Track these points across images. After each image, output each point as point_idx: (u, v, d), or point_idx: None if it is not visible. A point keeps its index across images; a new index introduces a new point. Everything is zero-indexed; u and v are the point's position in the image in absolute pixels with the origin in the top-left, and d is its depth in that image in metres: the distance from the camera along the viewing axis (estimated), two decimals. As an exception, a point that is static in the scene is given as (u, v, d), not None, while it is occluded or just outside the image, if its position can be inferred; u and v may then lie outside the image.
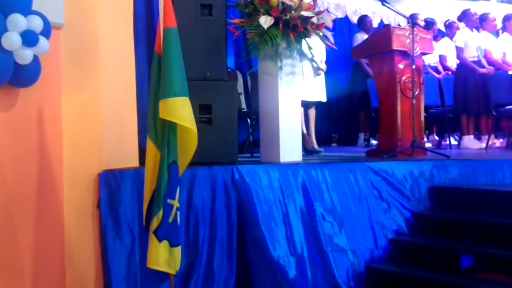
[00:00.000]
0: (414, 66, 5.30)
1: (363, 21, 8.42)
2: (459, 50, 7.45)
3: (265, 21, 4.28)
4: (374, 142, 7.96)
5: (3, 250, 3.11)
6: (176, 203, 3.11)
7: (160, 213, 3.08)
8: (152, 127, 3.16)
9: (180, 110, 3.03)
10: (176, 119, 3.04)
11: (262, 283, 3.83)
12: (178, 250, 3.13)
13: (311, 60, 6.15)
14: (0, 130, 3.10)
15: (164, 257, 3.10)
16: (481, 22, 7.57)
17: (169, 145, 3.09)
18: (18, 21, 2.88)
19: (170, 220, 3.10)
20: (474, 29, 7.55)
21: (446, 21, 8.71)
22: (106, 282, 3.64)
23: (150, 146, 3.16)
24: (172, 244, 3.11)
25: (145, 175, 3.20)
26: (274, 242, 3.82)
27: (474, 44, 7.39)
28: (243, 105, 6.81)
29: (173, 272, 3.14)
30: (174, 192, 3.11)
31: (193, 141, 3.14)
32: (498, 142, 7.85)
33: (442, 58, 8.31)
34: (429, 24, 8.17)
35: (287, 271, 3.79)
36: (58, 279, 3.57)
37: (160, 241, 3.08)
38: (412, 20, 5.49)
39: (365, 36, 7.83)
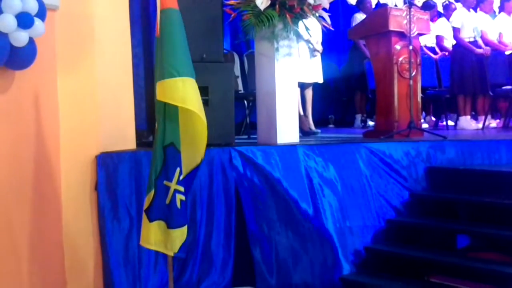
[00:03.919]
0: (411, 47, 5.27)
1: (363, 1, 8.34)
2: (456, 31, 7.42)
3: (262, 2, 4.26)
4: (371, 123, 7.97)
5: (1, 233, 3.11)
6: (173, 185, 3.09)
7: (151, 193, 3.08)
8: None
9: (179, 91, 2.99)
10: (173, 101, 3.00)
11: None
12: (176, 232, 3.10)
13: (307, 41, 6.13)
14: (-4, 112, 3.09)
15: (157, 237, 3.10)
16: (479, 3, 7.53)
17: (166, 127, 3.07)
18: (13, 3, 2.86)
19: (167, 201, 3.09)
20: (471, 9, 7.52)
21: (444, 2, 8.67)
22: (105, 264, 3.67)
23: None
24: (170, 226, 3.10)
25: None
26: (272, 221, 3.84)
27: (470, 25, 7.36)
28: (240, 87, 6.79)
29: (170, 253, 3.14)
30: (171, 174, 3.09)
31: (196, 123, 3.10)
32: (494, 123, 7.86)
33: (439, 39, 8.28)
34: (430, 6, 8.13)
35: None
36: (57, 262, 3.58)
37: (150, 220, 3.09)
38: (409, 0, 5.46)
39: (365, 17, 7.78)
